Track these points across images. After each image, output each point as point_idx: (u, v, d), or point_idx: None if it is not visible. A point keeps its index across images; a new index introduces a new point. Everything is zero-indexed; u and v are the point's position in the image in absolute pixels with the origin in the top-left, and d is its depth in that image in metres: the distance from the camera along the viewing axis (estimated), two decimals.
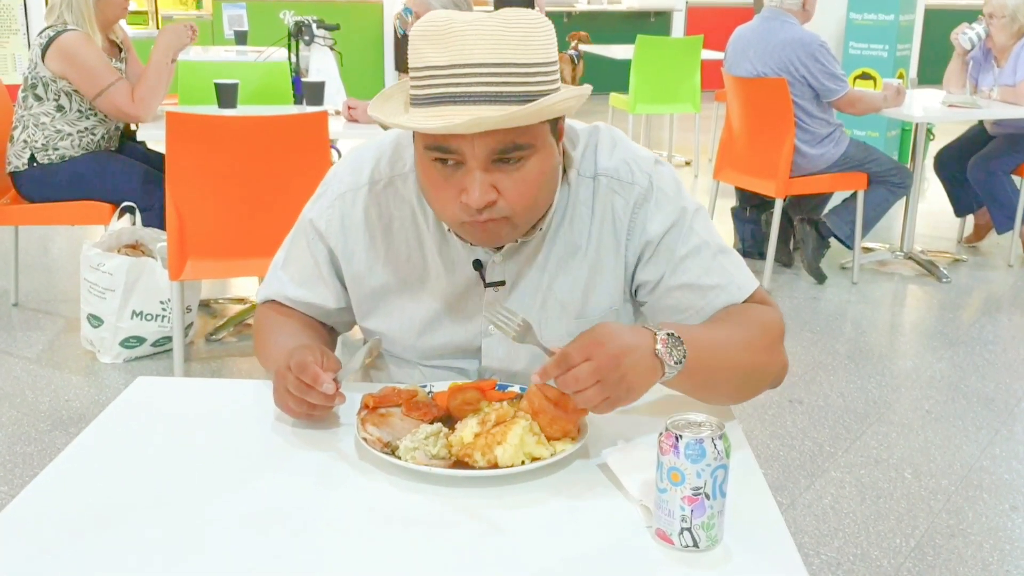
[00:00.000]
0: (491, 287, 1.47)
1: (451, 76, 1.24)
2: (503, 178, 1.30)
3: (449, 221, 1.36)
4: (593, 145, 1.48)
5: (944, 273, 4.99)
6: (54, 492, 1.22)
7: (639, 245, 1.46)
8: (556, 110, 1.28)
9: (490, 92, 1.24)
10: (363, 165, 1.51)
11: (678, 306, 1.47)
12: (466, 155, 1.27)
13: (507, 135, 1.26)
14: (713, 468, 1.08)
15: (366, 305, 1.54)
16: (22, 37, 9.22)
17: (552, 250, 1.47)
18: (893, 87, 4.76)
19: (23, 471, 2.92)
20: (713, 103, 7.79)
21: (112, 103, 3.78)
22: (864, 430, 3.32)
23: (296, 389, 1.32)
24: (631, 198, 1.45)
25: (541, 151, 1.31)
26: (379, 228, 1.49)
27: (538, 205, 1.36)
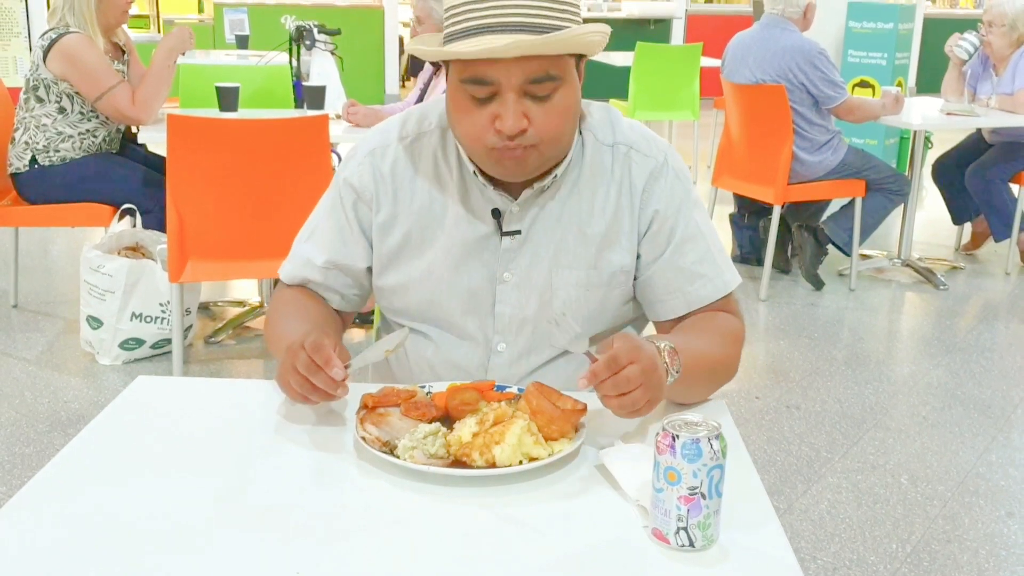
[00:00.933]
0: (507, 236, 1.53)
1: (488, 7, 1.34)
2: (534, 107, 1.38)
3: (479, 150, 1.43)
4: (611, 118, 1.58)
5: (941, 280, 5.00)
6: (53, 491, 1.23)
7: (649, 214, 1.55)
8: (586, 41, 1.38)
9: (525, 22, 1.33)
10: (391, 126, 1.59)
11: (668, 286, 1.57)
12: (501, 83, 1.36)
13: (541, 63, 1.35)
14: (709, 468, 1.09)
15: (388, 256, 1.58)
16: (23, 40, 9.24)
17: (567, 205, 1.54)
18: (891, 95, 4.77)
19: (22, 471, 2.93)
20: (712, 110, 7.81)
21: (113, 105, 3.80)
22: (861, 436, 3.33)
23: (305, 368, 1.33)
24: (647, 168, 1.54)
25: (568, 84, 1.40)
26: (405, 179, 1.56)
27: (564, 138, 1.44)
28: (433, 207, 1.55)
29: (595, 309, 1.58)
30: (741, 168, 4.87)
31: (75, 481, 1.25)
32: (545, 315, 1.56)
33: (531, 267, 1.54)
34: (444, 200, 1.55)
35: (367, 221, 1.58)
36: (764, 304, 4.66)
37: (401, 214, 1.56)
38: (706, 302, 1.57)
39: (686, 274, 1.56)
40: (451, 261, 1.55)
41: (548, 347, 1.59)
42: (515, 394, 1.40)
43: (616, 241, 1.55)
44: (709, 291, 1.57)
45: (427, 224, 1.56)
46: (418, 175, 1.56)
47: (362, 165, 1.57)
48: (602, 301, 1.57)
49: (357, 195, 1.58)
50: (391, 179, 1.56)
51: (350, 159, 1.60)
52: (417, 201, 1.56)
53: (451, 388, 1.40)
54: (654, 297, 1.59)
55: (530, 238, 1.54)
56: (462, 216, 1.54)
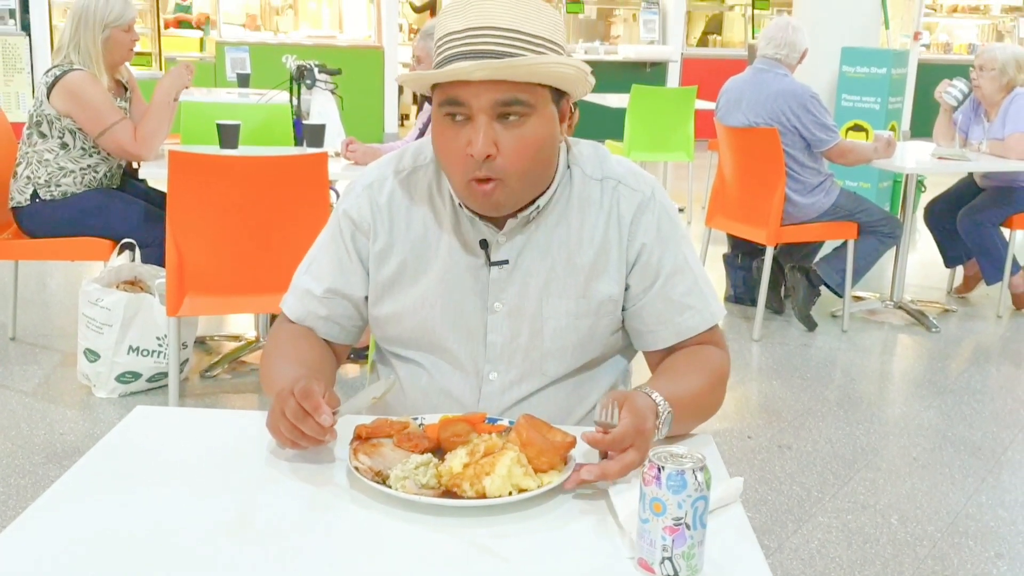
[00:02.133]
0: (495, 266, 1.58)
1: (466, 37, 1.43)
2: (504, 134, 1.44)
3: (456, 182, 1.50)
4: (601, 154, 1.63)
5: (933, 323, 5.04)
6: (50, 519, 1.25)
7: (637, 247, 1.59)
8: (552, 72, 1.44)
9: (498, 51, 1.41)
10: (388, 161, 1.65)
11: (658, 317, 1.61)
12: (472, 105, 1.42)
13: (510, 88, 1.42)
14: (694, 499, 1.12)
15: (383, 284, 1.63)
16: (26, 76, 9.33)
17: (555, 235, 1.58)
18: (884, 139, 4.83)
19: (16, 503, 2.94)
20: (706, 152, 7.88)
21: (115, 142, 3.84)
22: (852, 476, 3.35)
23: (293, 415, 1.36)
24: (635, 201, 1.59)
25: (541, 116, 1.46)
26: (401, 210, 1.62)
27: (533, 171, 1.49)
28: (427, 237, 1.60)
29: (584, 338, 1.61)
30: (734, 209, 4.92)
31: (73, 509, 1.27)
32: (536, 344, 1.60)
33: (521, 296, 1.59)
34: (438, 231, 1.60)
35: (365, 251, 1.63)
36: (757, 344, 4.69)
37: (397, 244, 1.61)
38: (694, 332, 1.62)
39: (675, 305, 1.61)
40: (444, 290, 1.60)
41: (539, 376, 1.62)
42: (506, 427, 1.43)
43: (604, 271, 1.59)
44: (697, 322, 1.62)
45: (421, 254, 1.60)
46: (413, 206, 1.61)
47: (360, 197, 1.63)
48: (591, 330, 1.61)
49: (355, 226, 1.63)
50: (388, 210, 1.61)
51: (349, 192, 1.66)
52: (412, 231, 1.61)
53: (443, 420, 1.43)
54: (643, 327, 1.63)
55: (519, 268, 1.58)
56: (454, 246, 1.59)
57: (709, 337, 1.64)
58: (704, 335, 1.63)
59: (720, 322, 1.67)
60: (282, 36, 10.75)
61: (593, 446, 1.32)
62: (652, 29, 11.65)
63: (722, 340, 1.67)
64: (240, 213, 3.32)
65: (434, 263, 1.60)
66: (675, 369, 1.59)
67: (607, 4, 12.32)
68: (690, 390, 1.51)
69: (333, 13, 11.54)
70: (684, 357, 1.61)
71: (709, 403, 1.59)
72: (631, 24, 12.16)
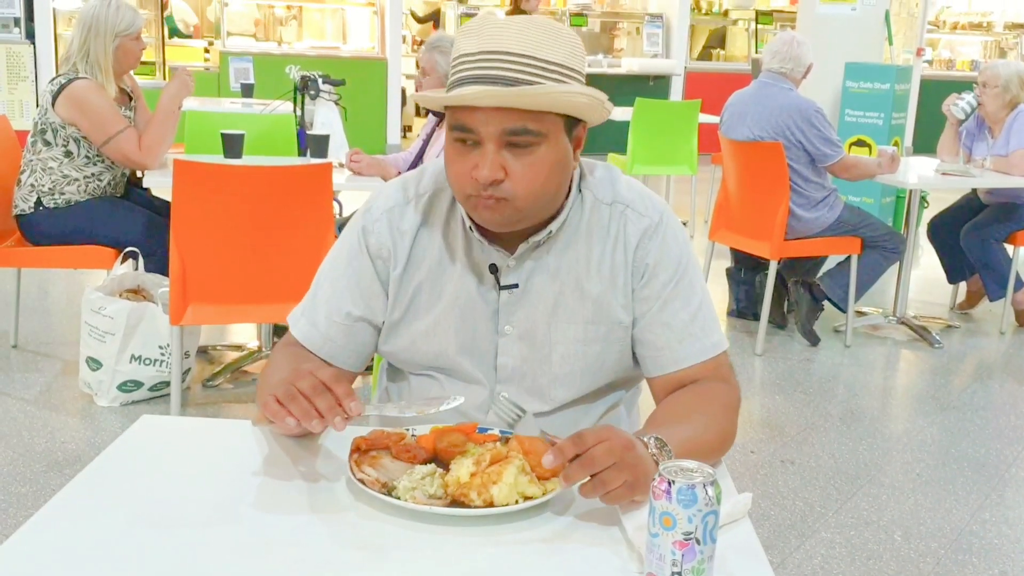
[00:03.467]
0: (505, 290, 1.56)
1: (478, 60, 1.41)
2: (513, 160, 1.42)
3: (461, 197, 1.49)
4: (612, 177, 1.61)
5: (936, 339, 5.03)
6: (54, 530, 1.24)
7: (642, 271, 1.57)
8: (560, 102, 1.41)
9: (509, 77, 1.39)
10: (408, 183, 1.64)
11: (656, 343, 1.58)
12: (480, 132, 1.41)
13: (520, 117, 1.39)
14: (704, 514, 1.11)
15: (401, 308, 1.60)
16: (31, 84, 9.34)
17: (564, 260, 1.57)
18: (887, 154, 4.83)
19: (17, 511, 2.93)
20: (710, 165, 7.89)
21: (119, 150, 3.85)
22: (855, 491, 3.34)
23: (311, 389, 1.33)
24: (641, 226, 1.57)
25: (552, 144, 1.44)
26: (421, 235, 1.60)
27: (543, 196, 1.47)
28: (443, 261, 1.59)
29: (593, 364, 1.60)
30: (738, 223, 4.92)
31: (77, 519, 1.26)
32: (544, 369, 1.58)
33: (530, 320, 1.57)
34: (451, 256, 1.58)
35: (385, 275, 1.60)
36: (760, 359, 4.68)
37: (413, 268, 1.59)
38: (694, 361, 1.58)
39: (675, 332, 1.57)
40: (456, 315, 1.58)
41: (547, 400, 1.61)
42: (498, 436, 1.43)
43: (613, 298, 1.57)
44: (697, 351, 1.58)
45: (436, 279, 1.59)
46: (431, 232, 1.59)
47: (379, 222, 1.60)
48: (600, 356, 1.59)
49: (377, 251, 1.60)
50: (407, 236, 1.59)
51: (367, 213, 1.62)
52: (429, 255, 1.59)
53: (436, 431, 1.43)
54: (643, 352, 1.60)
55: (528, 292, 1.57)
56: (466, 271, 1.58)
57: (714, 369, 1.59)
58: (708, 366, 1.59)
59: (726, 353, 1.61)
60: (286, 47, 10.77)
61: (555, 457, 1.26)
62: (655, 42, 11.67)
63: (729, 373, 1.62)
64: (243, 222, 3.32)
65: (447, 288, 1.58)
66: (673, 413, 1.52)
67: (611, 17, 12.34)
68: (691, 434, 1.44)
69: (337, 24, 11.56)
70: (684, 398, 1.56)
71: (716, 442, 1.51)
72: (634, 37, 12.18)
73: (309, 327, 1.64)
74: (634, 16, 12.17)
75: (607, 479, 1.25)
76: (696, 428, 1.47)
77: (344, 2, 11.35)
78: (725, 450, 1.54)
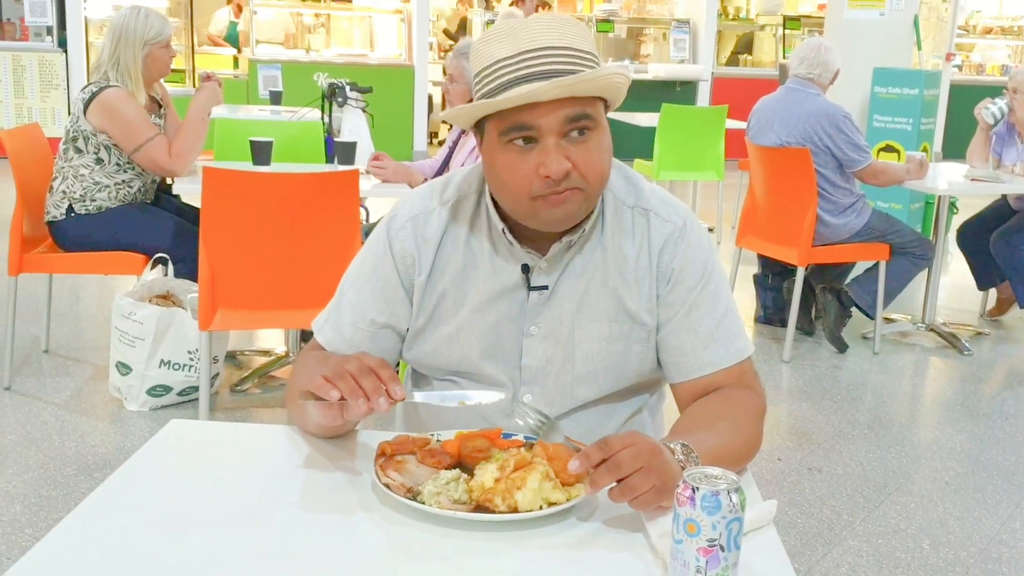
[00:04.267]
0: (535, 291, 1.58)
1: (520, 60, 1.42)
2: (574, 150, 1.44)
3: (524, 202, 1.47)
4: (634, 180, 1.63)
5: (966, 346, 4.99)
6: (84, 533, 1.26)
7: (666, 276, 1.58)
8: (613, 83, 1.44)
9: (557, 70, 1.41)
10: (434, 190, 1.64)
11: (681, 348, 1.59)
12: (541, 127, 1.42)
13: (577, 104, 1.42)
14: (728, 520, 1.11)
15: (425, 315, 1.61)
16: (63, 92, 9.45)
17: (591, 260, 1.58)
18: (916, 160, 4.81)
19: (47, 514, 2.97)
20: (736, 171, 7.86)
21: (150, 157, 3.88)
22: (883, 500, 3.32)
23: (358, 370, 1.34)
24: (665, 231, 1.58)
25: (601, 127, 1.47)
26: (446, 242, 1.60)
27: (604, 178, 1.50)
28: (467, 267, 1.59)
29: (616, 362, 1.60)
30: (765, 229, 4.90)
31: (107, 522, 1.28)
32: (567, 368, 1.59)
33: (556, 320, 1.58)
34: (475, 261, 1.59)
35: (410, 283, 1.61)
36: (787, 366, 4.66)
37: (437, 275, 1.60)
38: (718, 367, 1.58)
39: (699, 337, 1.58)
40: (480, 319, 1.59)
41: (569, 399, 1.62)
42: (522, 441, 1.43)
43: (636, 299, 1.58)
44: (721, 356, 1.58)
45: (460, 284, 1.60)
46: (456, 239, 1.60)
47: (404, 229, 1.61)
48: (623, 355, 1.60)
49: (401, 258, 1.61)
50: (432, 243, 1.60)
51: (392, 220, 1.63)
52: (454, 262, 1.60)
53: (460, 436, 1.44)
54: (667, 358, 1.61)
55: (556, 292, 1.58)
56: (491, 275, 1.59)
57: (739, 376, 1.60)
58: (732, 372, 1.59)
59: (750, 360, 1.62)
60: (314, 54, 10.83)
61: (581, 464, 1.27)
62: (682, 48, 11.65)
63: (754, 380, 1.62)
64: (272, 229, 3.35)
65: (471, 293, 1.59)
66: (698, 421, 1.52)
67: (637, 23, 12.33)
68: (716, 442, 1.44)
69: (364, 32, 11.62)
70: (709, 406, 1.56)
71: (742, 450, 1.51)
72: (661, 43, 12.16)
73: (334, 334, 1.65)
74: (661, 22, 12.15)
75: (635, 484, 1.26)
76: (722, 435, 1.47)
77: (372, 10, 11.42)
78: (751, 457, 1.54)
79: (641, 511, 1.28)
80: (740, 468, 1.49)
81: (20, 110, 9.41)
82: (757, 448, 1.56)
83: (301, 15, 11.45)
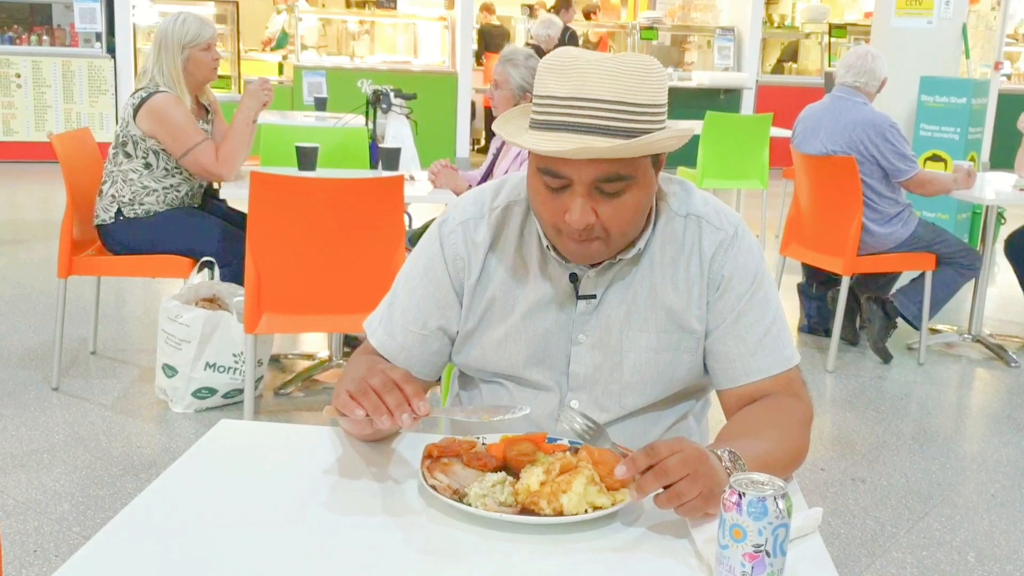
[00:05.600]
0: (583, 299, 1.58)
1: (568, 106, 1.39)
2: (603, 205, 1.44)
3: (550, 233, 1.52)
4: (686, 189, 1.63)
5: (1013, 357, 4.92)
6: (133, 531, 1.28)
7: (717, 283, 1.58)
8: (657, 147, 1.42)
9: (601, 125, 1.38)
10: (485, 196, 1.66)
11: (728, 355, 1.58)
12: (573, 180, 1.42)
13: (611, 166, 1.41)
14: (775, 526, 1.11)
15: (475, 318, 1.63)
16: (111, 97, 9.59)
17: (640, 270, 1.58)
18: (963, 169, 4.75)
19: (95, 513, 3.01)
20: (781, 180, 7.81)
21: (197, 162, 3.93)
22: (927, 511, 3.28)
23: (382, 385, 1.37)
24: (716, 239, 1.58)
25: (641, 183, 1.46)
26: (496, 247, 1.62)
27: (632, 231, 1.50)
28: (516, 272, 1.61)
29: (664, 372, 1.60)
30: (810, 238, 4.87)
31: (156, 522, 1.30)
32: (616, 377, 1.60)
33: (604, 330, 1.59)
34: (525, 268, 1.61)
35: (460, 286, 1.63)
36: (831, 376, 4.63)
37: (486, 279, 1.62)
38: (766, 375, 1.58)
39: (747, 345, 1.58)
40: (528, 325, 1.60)
41: (617, 408, 1.62)
42: (567, 446, 1.44)
43: (686, 307, 1.58)
44: (768, 364, 1.58)
45: (509, 290, 1.61)
46: (506, 244, 1.62)
47: (454, 233, 1.63)
48: (671, 365, 1.60)
49: (452, 261, 1.63)
50: (481, 247, 1.62)
51: (443, 224, 1.65)
52: (503, 267, 1.61)
53: (506, 439, 1.45)
54: (715, 365, 1.61)
55: (604, 301, 1.59)
56: (541, 282, 1.60)
57: (786, 384, 1.59)
58: (780, 380, 1.58)
59: (798, 369, 1.61)
60: (358, 61, 10.91)
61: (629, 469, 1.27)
62: (727, 56, 11.61)
63: (801, 388, 1.61)
64: (317, 233, 3.38)
65: (521, 300, 1.61)
66: (745, 428, 1.52)
67: (681, 31, 12.30)
68: (763, 449, 1.44)
69: (408, 38, 11.69)
70: (756, 414, 1.56)
71: (788, 458, 1.50)
72: (705, 51, 12.13)
73: (386, 336, 1.67)
74: (705, 30, 12.11)
75: (682, 490, 1.26)
76: (768, 443, 1.47)
77: (416, 17, 11.48)
78: (797, 465, 1.53)
79: (687, 518, 1.28)
80: (787, 476, 1.48)
81: (69, 115, 9.56)
82: (803, 456, 1.55)
83: (346, 22, 11.54)
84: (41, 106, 9.52)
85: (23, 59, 9.45)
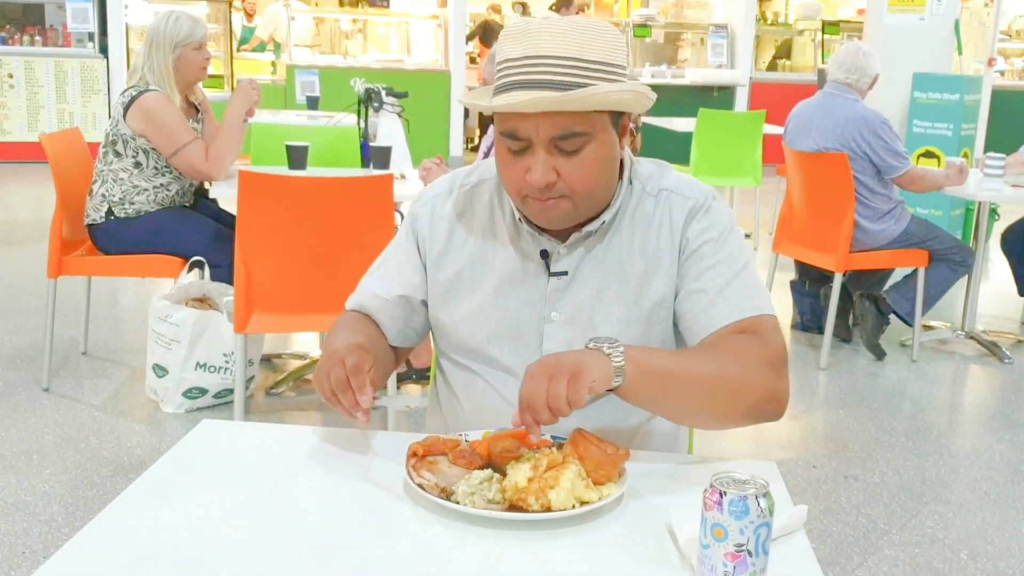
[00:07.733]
0: (554, 276, 1.60)
1: (523, 66, 1.44)
2: (563, 162, 1.47)
3: (517, 198, 1.55)
4: (660, 170, 1.66)
5: (1006, 354, 4.92)
6: (116, 530, 1.27)
7: (684, 243, 1.59)
8: (609, 100, 1.44)
9: (554, 80, 1.42)
10: (457, 175, 1.73)
11: (692, 309, 1.58)
12: (531, 138, 1.46)
13: (566, 120, 1.44)
14: (756, 525, 1.10)
15: (441, 289, 1.68)
16: (103, 97, 9.57)
17: (610, 246, 1.60)
18: (956, 165, 4.75)
19: (84, 514, 3.00)
20: (774, 177, 7.81)
21: (187, 161, 3.92)
22: (920, 509, 3.28)
23: (336, 384, 1.44)
24: (687, 207, 1.60)
25: (599, 139, 1.48)
26: (461, 222, 1.68)
27: (597, 190, 1.52)
28: (485, 248, 1.64)
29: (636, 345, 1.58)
30: (802, 235, 4.86)
31: (138, 520, 1.29)
32: None
33: (576, 306, 1.60)
34: (495, 243, 1.64)
35: (423, 254, 1.69)
36: (824, 373, 4.62)
37: (453, 253, 1.66)
38: (726, 322, 1.54)
39: (708, 296, 1.56)
40: (500, 301, 1.63)
41: None
42: (551, 441, 1.44)
43: (655, 276, 1.60)
44: (732, 312, 1.54)
45: (477, 265, 1.65)
46: (473, 219, 1.67)
47: (424, 206, 1.71)
48: (643, 338, 1.61)
49: (418, 232, 1.70)
50: (447, 221, 1.68)
51: (417, 200, 1.74)
52: (470, 243, 1.66)
53: (489, 436, 1.44)
54: (683, 325, 1.61)
55: (576, 279, 1.61)
56: (512, 259, 1.62)
57: (751, 326, 1.54)
58: (743, 325, 1.54)
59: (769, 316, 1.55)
60: (351, 60, 10.89)
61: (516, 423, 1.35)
62: (720, 53, 11.60)
63: (769, 333, 1.54)
64: (307, 233, 3.36)
65: (490, 275, 1.64)
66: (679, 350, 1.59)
67: (675, 28, 12.29)
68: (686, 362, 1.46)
69: (401, 37, 11.67)
70: (703, 342, 1.54)
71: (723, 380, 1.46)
72: (699, 48, 12.12)
73: (363, 297, 1.74)
74: (698, 27, 12.10)
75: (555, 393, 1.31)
76: (686, 358, 1.50)
77: (409, 15, 11.46)
78: (741, 399, 1.47)
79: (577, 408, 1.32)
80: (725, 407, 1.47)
81: (62, 115, 9.53)
82: (756, 392, 1.48)
83: (339, 21, 11.52)
84: (34, 106, 9.49)
85: (16, 59, 9.43)
